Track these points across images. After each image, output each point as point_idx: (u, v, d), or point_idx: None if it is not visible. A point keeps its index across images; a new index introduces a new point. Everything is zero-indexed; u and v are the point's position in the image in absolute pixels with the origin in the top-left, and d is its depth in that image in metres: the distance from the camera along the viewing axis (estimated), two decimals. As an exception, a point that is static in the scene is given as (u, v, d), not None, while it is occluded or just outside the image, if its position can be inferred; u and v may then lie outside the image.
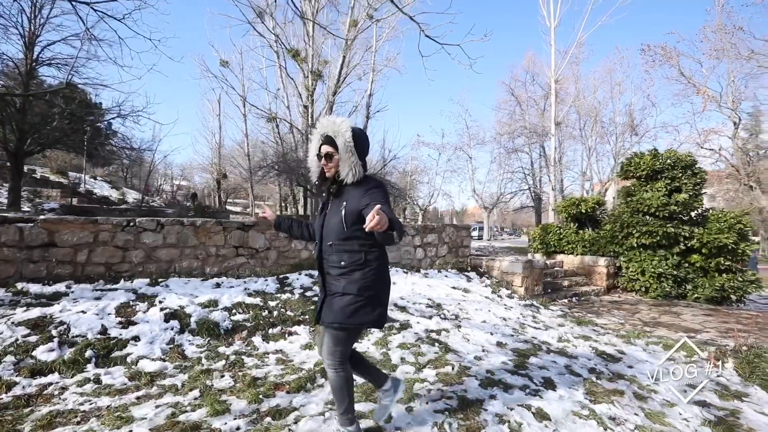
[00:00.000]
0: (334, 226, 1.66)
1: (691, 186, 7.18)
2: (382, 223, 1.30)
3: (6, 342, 2.72)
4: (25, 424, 2.06)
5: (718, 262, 6.85)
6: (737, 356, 3.60)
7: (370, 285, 1.66)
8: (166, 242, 4.38)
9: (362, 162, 1.68)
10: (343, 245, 1.64)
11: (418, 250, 6.44)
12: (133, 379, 2.65)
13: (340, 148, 1.63)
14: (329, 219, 1.70)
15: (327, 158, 1.67)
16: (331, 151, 1.66)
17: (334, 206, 1.69)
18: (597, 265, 7.72)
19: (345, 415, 1.82)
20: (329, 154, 1.66)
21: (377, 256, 1.70)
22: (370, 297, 1.66)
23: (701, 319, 5.49)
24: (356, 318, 1.64)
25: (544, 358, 3.24)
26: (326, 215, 1.73)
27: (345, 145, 1.62)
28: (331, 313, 1.65)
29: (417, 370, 2.77)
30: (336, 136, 1.64)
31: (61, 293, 3.64)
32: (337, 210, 1.66)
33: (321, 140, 1.70)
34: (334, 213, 1.68)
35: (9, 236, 3.67)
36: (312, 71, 16.57)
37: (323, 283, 1.74)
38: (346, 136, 1.63)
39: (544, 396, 2.48)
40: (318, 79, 16.79)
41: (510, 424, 2.09)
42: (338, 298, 1.65)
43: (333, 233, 1.66)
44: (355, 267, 1.63)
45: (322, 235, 1.73)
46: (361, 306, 1.64)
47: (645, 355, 3.74)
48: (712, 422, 2.39)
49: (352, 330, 1.71)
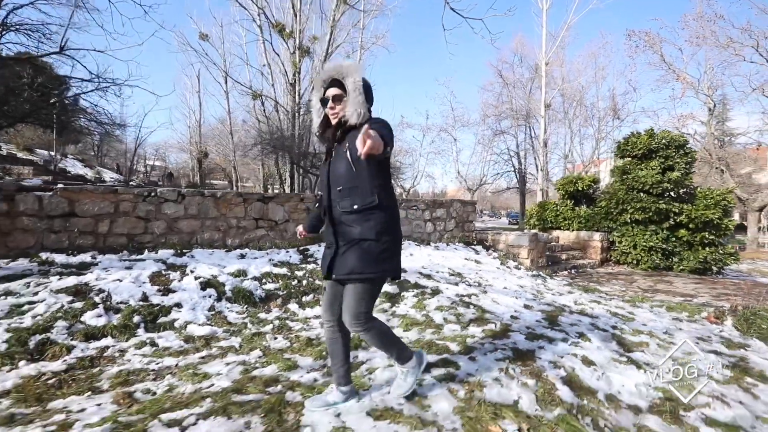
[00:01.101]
0: (342, 170, 1.58)
1: (683, 165, 7.60)
2: (374, 145, 1.23)
3: (52, 308, 2.67)
4: (102, 382, 2.08)
5: (703, 236, 7.37)
6: (734, 315, 3.97)
7: (387, 229, 1.58)
8: (188, 213, 4.30)
9: (368, 106, 1.62)
10: (354, 188, 1.55)
11: (428, 224, 6.57)
12: (189, 342, 2.68)
13: (349, 88, 1.57)
14: (335, 165, 1.62)
15: (335, 100, 1.60)
16: (339, 93, 1.59)
17: (338, 151, 1.63)
18: (592, 239, 8.13)
19: (401, 352, 1.74)
20: (338, 96, 1.59)
21: (388, 196, 1.63)
22: (389, 242, 1.59)
23: (693, 286, 5.96)
24: (379, 265, 1.55)
25: (571, 317, 3.47)
26: (331, 162, 1.65)
27: (354, 84, 1.56)
28: (348, 263, 1.54)
29: (463, 328, 2.93)
30: (345, 76, 1.59)
31: (87, 263, 3.55)
32: (342, 153, 1.59)
33: (326, 84, 1.63)
34: (340, 158, 1.60)
35: (28, 205, 3.51)
36: (299, 47, 15.97)
37: (334, 235, 1.61)
38: (356, 76, 1.57)
39: (584, 347, 2.69)
40: (305, 56, 16.24)
41: (565, 368, 2.28)
42: (356, 246, 1.54)
43: (342, 178, 1.58)
44: (370, 209, 1.54)
45: (329, 182, 1.63)
46: (381, 251, 1.55)
47: (652, 316, 4.05)
48: (729, 366, 2.68)
49: (376, 280, 1.60)
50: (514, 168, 28.23)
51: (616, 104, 22.65)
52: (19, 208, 3.48)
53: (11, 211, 3.44)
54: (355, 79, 1.57)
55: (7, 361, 2.17)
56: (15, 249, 3.46)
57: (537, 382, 2.09)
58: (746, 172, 23.38)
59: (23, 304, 2.67)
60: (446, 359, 2.31)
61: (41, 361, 2.24)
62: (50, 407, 1.80)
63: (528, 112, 23.96)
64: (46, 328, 2.46)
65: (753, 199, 17.49)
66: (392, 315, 3.28)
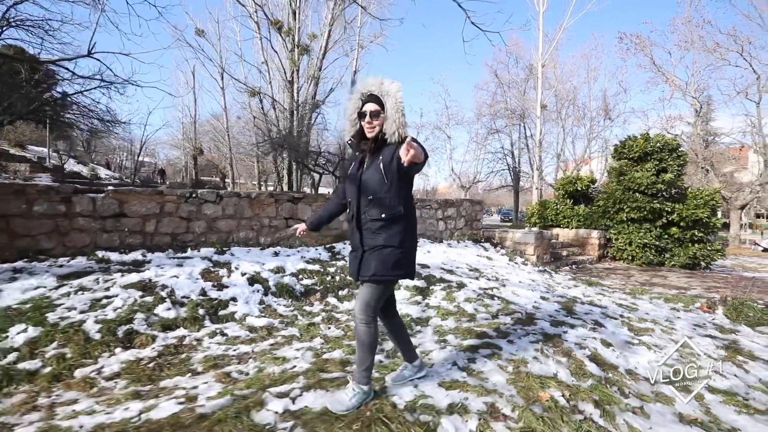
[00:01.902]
0: (374, 181, 1.68)
1: (676, 167, 8.12)
2: (417, 154, 1.36)
3: (128, 302, 2.94)
4: (195, 365, 2.38)
5: (693, 233, 7.90)
6: (725, 305, 4.43)
7: (408, 237, 1.73)
8: (225, 213, 4.57)
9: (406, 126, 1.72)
10: (383, 199, 1.66)
11: (440, 222, 6.93)
12: (253, 332, 2.98)
13: (389, 108, 1.67)
14: (368, 175, 1.71)
15: (372, 116, 1.68)
16: (377, 109, 1.68)
17: (371, 163, 1.72)
18: (590, 237, 8.61)
19: (367, 371, 1.79)
20: (375, 112, 1.68)
21: (410, 207, 1.76)
22: (407, 249, 1.74)
23: (685, 280, 6.46)
24: (396, 270, 1.69)
25: (583, 307, 3.87)
26: (363, 172, 1.74)
27: (396, 104, 1.66)
28: (372, 267, 1.67)
29: (493, 317, 3.30)
30: (385, 95, 1.68)
31: (140, 261, 3.80)
32: (375, 165, 1.69)
33: (364, 99, 1.72)
34: (373, 169, 1.70)
35: (83, 206, 3.75)
36: (298, 45, 16.08)
37: (360, 240, 1.73)
38: (398, 97, 1.67)
39: (600, 332, 3.09)
40: (305, 54, 16.35)
41: (589, 349, 2.66)
42: (378, 251, 1.67)
43: (372, 188, 1.69)
44: (395, 219, 1.67)
45: (359, 191, 1.73)
46: (400, 257, 1.70)
47: (652, 306, 4.49)
48: (725, 346, 3.10)
49: (390, 283, 1.76)
50: (508, 166, 28.84)
51: (607, 105, 23.34)
52: (76, 209, 3.71)
53: (68, 212, 3.68)
54: (396, 99, 1.67)
55: (105, 348, 2.45)
56: (72, 248, 3.70)
57: (568, 359, 2.46)
58: (729, 171, 24.37)
59: (100, 298, 2.93)
60: (488, 342, 2.66)
61: (133, 349, 2.53)
62: (162, 385, 2.10)
63: (523, 111, 24.47)
64: (129, 320, 2.74)
65: (735, 198, 18.33)
66: (426, 306, 3.63)
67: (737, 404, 2.09)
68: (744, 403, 2.12)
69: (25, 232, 3.49)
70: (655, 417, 1.91)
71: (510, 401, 1.89)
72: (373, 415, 1.70)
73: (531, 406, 1.85)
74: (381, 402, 1.81)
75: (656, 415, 1.92)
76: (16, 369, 2.14)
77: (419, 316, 3.36)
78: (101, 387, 2.07)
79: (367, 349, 1.74)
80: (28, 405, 1.87)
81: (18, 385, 2.05)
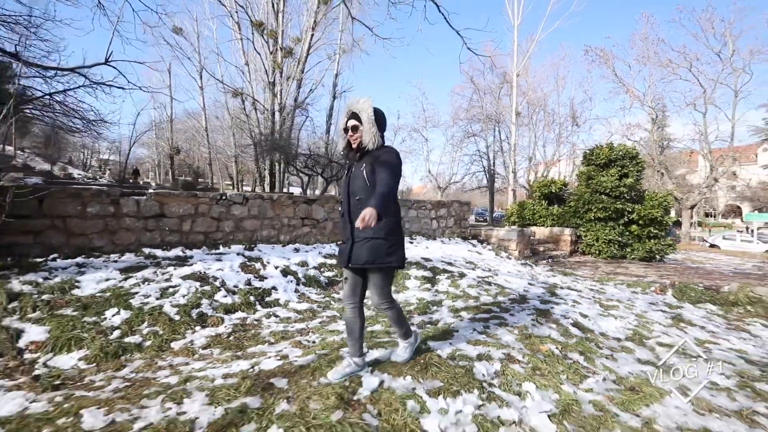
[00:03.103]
0: (360, 183, 1.97)
1: (635, 172, 9.28)
2: (367, 224, 1.63)
3: (191, 290, 3.41)
4: (267, 338, 2.92)
5: (649, 230, 9.07)
6: (673, 288, 5.40)
7: (393, 230, 1.99)
8: (250, 214, 5.04)
9: (381, 134, 1.99)
10: (368, 198, 1.89)
11: (433, 221, 7.65)
12: (299, 314, 3.53)
13: (364, 121, 1.95)
14: (354, 179, 2.01)
15: (353, 130, 1.99)
16: (356, 124, 1.98)
17: (357, 169, 2.01)
18: (563, 234, 9.63)
19: (408, 330, 2.28)
20: (355, 127, 1.98)
21: (395, 205, 2.06)
22: (394, 240, 2.00)
23: (642, 270, 7.52)
24: (387, 258, 1.96)
25: (563, 291, 4.68)
26: (350, 177, 2.04)
27: (368, 118, 1.95)
28: (363, 255, 1.93)
29: (494, 297, 4.02)
30: (360, 111, 1.96)
31: (182, 257, 4.23)
32: (359, 171, 1.98)
33: (347, 116, 2.03)
34: (358, 174, 1.99)
35: (129, 208, 4.13)
36: (282, 47, 16.36)
37: (351, 232, 1.98)
38: (369, 112, 1.95)
39: (578, 308, 3.87)
40: (288, 56, 16.64)
41: (571, 319, 3.42)
42: (369, 242, 1.93)
43: (359, 190, 1.97)
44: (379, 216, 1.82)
45: (349, 192, 2.04)
46: (389, 247, 1.96)
47: (617, 290, 5.39)
48: (672, 317, 3.97)
49: (389, 269, 2.04)
50: (484, 168, 30.20)
51: (575, 112, 25.10)
52: (123, 210, 4.09)
53: (117, 213, 4.05)
54: (368, 114, 1.95)
55: (187, 326, 2.94)
56: (120, 245, 4.08)
57: (557, 326, 3.20)
58: (681, 173, 26.84)
59: (167, 287, 3.38)
60: (495, 315, 3.36)
61: (208, 327, 3.03)
62: (250, 351, 2.63)
63: (497, 116, 25.77)
64: (197, 305, 3.22)
65: (686, 199, 20.35)
66: (437, 291, 4.30)
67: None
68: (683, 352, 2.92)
69: (80, 231, 3.84)
70: (621, 361, 2.66)
71: (520, 352, 2.58)
72: (426, 362, 2.34)
73: (536, 354, 2.55)
74: (429, 354, 2.44)
75: (622, 360, 2.68)
76: (125, 342, 2.61)
77: (433, 300, 4.02)
78: (201, 354, 2.59)
79: (401, 319, 2.22)
80: (153, 366, 2.36)
81: (131, 354, 2.52)
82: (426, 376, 2.15)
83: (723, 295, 4.93)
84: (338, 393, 1.89)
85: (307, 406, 1.79)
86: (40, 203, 3.63)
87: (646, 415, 1.97)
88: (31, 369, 2.26)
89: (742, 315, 4.29)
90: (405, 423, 1.74)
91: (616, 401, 2.08)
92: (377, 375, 2.10)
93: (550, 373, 2.30)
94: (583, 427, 1.83)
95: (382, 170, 1.89)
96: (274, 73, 16.09)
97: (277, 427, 1.64)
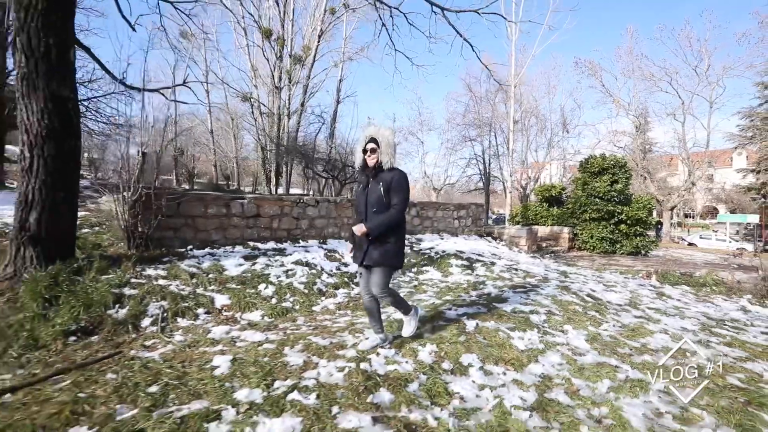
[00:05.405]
0: (377, 197, 2.35)
1: (624, 179, 10.70)
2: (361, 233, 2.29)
3: (303, 272, 4.49)
4: (373, 303, 4.03)
5: (636, 229, 10.49)
6: (657, 274, 6.73)
7: (400, 237, 2.45)
8: (320, 214, 6.14)
9: (394, 156, 2.40)
10: (383, 210, 2.33)
11: (455, 221, 8.85)
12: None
13: (383, 145, 2.35)
14: (371, 193, 2.38)
15: (372, 152, 2.37)
16: (374, 147, 2.37)
17: (374, 184, 2.37)
18: (562, 232, 10.98)
19: (406, 307, 2.66)
20: (373, 149, 2.37)
21: (401, 218, 2.42)
22: (400, 245, 2.44)
23: (631, 262, 8.88)
24: (392, 260, 2.40)
25: (573, 276, 5.93)
26: (368, 192, 2.41)
27: (388, 142, 2.36)
28: (374, 256, 2.35)
29: (524, 279, 5.23)
30: (379, 137, 2.37)
31: (278, 248, 5.30)
32: (377, 187, 2.35)
33: (367, 139, 2.40)
34: (375, 190, 2.37)
35: (236, 209, 5.19)
36: (291, 55, 17.34)
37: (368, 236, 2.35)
38: (390, 138, 2.38)
39: (588, 285, 5.11)
40: (298, 63, 17.61)
41: (585, 291, 4.65)
42: (380, 245, 2.35)
43: (375, 203, 2.35)
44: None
45: (366, 204, 2.41)
46: (394, 250, 2.40)
47: (613, 276, 6.68)
48: (656, 293, 5.25)
49: (392, 268, 2.46)
50: (480, 171, 31.64)
51: (565, 119, 26.74)
52: (232, 211, 5.14)
53: (228, 213, 5.11)
54: (388, 140, 2.38)
55: (315, 297, 4.04)
56: (230, 239, 5.13)
57: (576, 296, 4.42)
58: (662, 177, 28.75)
59: (287, 270, 4.46)
60: (529, 289, 4.57)
61: (329, 298, 4.13)
62: (359, 314, 3.75)
63: (492, 122, 27.16)
64: (314, 283, 4.32)
65: (667, 200, 22.10)
66: (477, 275, 5.48)
67: (662, 314, 4.14)
68: (664, 312, 4.18)
69: (203, 228, 4.89)
70: (623, 315, 3.89)
71: (557, 309, 3.78)
72: (499, 314, 3.50)
73: (567, 311, 3.75)
74: (498, 311, 3.61)
75: (624, 315, 3.90)
76: (281, 306, 3.70)
77: (476, 281, 5.18)
78: (340, 312, 3.70)
79: (399, 301, 2.61)
80: (316, 320, 3.46)
81: (292, 314, 3.62)
82: (501, 321, 3.33)
83: (695, 278, 6.27)
84: (457, 326, 3.05)
85: (441, 336, 2.94)
86: (178, 206, 4.67)
87: (643, 342, 3.18)
88: (237, 321, 3.34)
89: (708, 293, 5.61)
90: (502, 341, 2.91)
91: (623, 335, 3.29)
92: (473, 320, 3.27)
93: (579, 321, 3.51)
94: (606, 346, 3.03)
95: (396, 196, 2.34)
96: (281, 80, 17.05)
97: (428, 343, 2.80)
